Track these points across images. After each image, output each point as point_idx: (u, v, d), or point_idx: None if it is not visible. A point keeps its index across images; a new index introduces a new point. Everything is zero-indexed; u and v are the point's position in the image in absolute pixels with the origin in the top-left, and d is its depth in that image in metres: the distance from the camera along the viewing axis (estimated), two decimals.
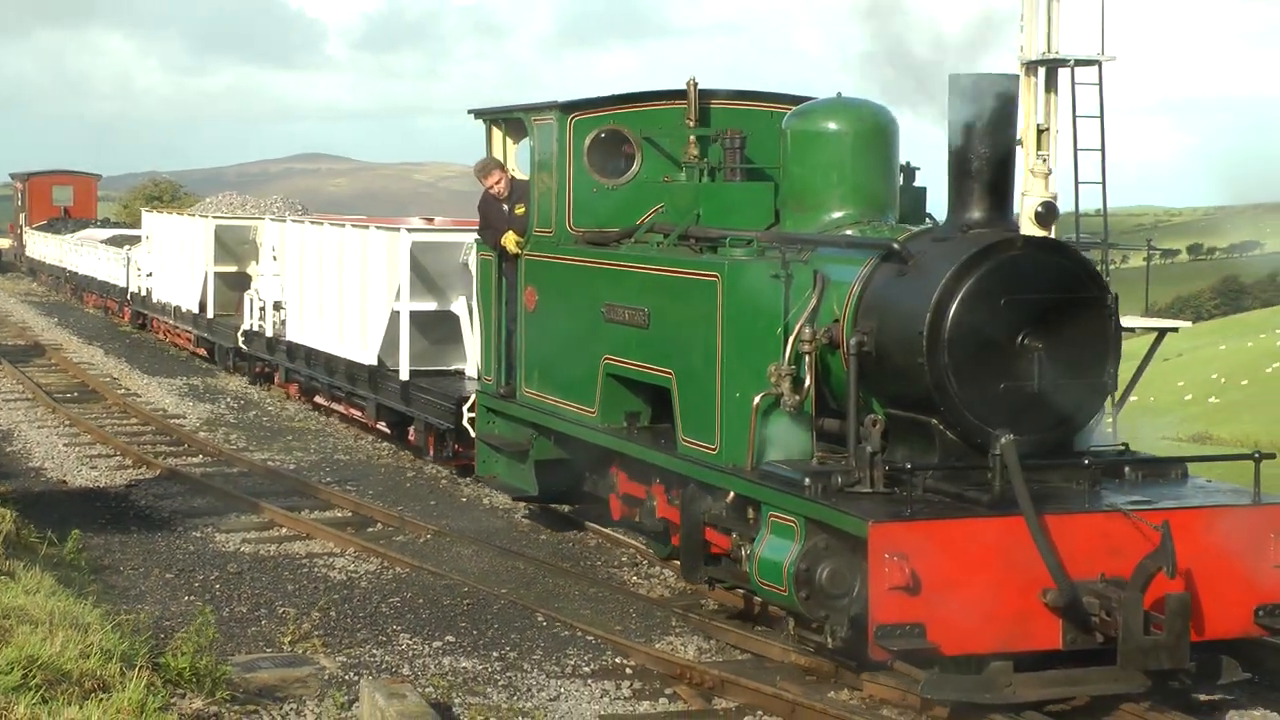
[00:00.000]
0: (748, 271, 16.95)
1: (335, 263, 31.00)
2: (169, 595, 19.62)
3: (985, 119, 15.79)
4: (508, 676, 16.53)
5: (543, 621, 18.46)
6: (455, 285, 27.88)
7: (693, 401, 17.52)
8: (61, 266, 69.57)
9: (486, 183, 22.17)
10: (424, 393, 26.58)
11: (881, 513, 14.56)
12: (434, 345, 28.02)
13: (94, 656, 13.60)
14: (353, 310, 29.91)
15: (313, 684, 15.78)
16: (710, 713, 15.68)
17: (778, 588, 15.51)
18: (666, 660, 16.95)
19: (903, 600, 14.25)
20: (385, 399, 28.35)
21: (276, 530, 23.86)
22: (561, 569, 21.13)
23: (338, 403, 31.96)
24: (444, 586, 20.08)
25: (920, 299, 15.59)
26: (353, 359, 29.79)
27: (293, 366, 34.53)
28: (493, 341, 22.57)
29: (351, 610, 19.12)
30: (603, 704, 15.87)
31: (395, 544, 22.67)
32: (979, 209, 16.05)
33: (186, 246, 43.93)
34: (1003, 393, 15.64)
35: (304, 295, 33.29)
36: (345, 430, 33.09)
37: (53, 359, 47.97)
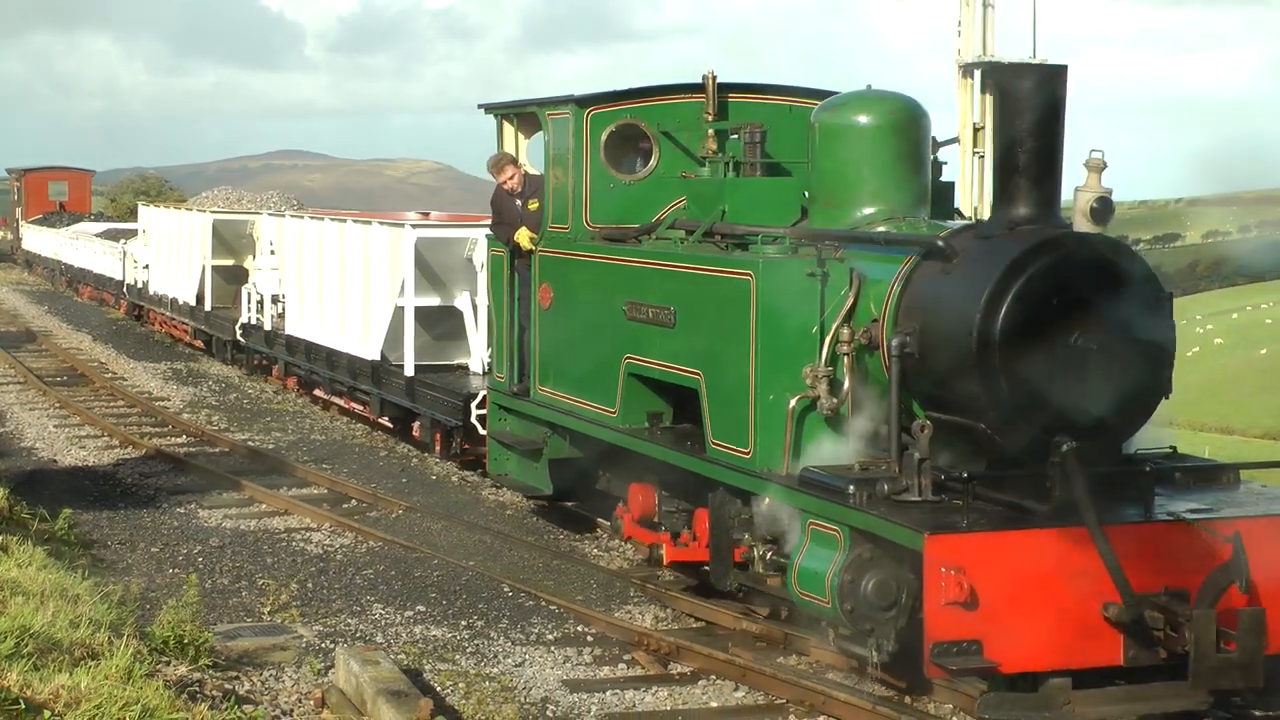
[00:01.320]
0: (782, 269, 14.96)
1: (336, 257, 28.66)
2: (154, 568, 19.20)
3: (1032, 112, 13.75)
4: (475, 644, 16.21)
5: (508, 592, 18.12)
6: (459, 281, 25.58)
7: (723, 403, 15.53)
8: (57, 259, 67.33)
9: (500, 178, 19.89)
10: (430, 389, 24.18)
11: (936, 524, 12.71)
12: (437, 340, 25.80)
13: (83, 626, 13.30)
14: (354, 305, 27.59)
15: (291, 651, 15.41)
16: (666, 677, 15.36)
17: (819, 599, 13.65)
18: (625, 628, 16.72)
19: (959, 616, 12.36)
20: (389, 394, 25.90)
21: (256, 506, 23.34)
22: (526, 542, 20.66)
23: (339, 397, 29.57)
24: (415, 559, 19.68)
25: (969, 299, 13.64)
26: (355, 354, 27.36)
27: (292, 360, 32.11)
28: (504, 339, 20.36)
29: (327, 582, 18.67)
30: (565, 669, 15.58)
31: (369, 519, 22.20)
32: (1026, 205, 13.96)
33: (184, 240, 41.34)
34: (1055, 396, 13.54)
35: (303, 289, 30.93)
36: (321, 412, 32.29)
37: (43, 345, 46.99)
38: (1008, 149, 13.97)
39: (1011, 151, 13.93)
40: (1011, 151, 13.93)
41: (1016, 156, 13.90)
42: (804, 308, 14.79)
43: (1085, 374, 13.48)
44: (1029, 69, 14.26)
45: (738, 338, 15.12)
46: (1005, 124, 14.01)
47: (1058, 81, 13.84)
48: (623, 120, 18.29)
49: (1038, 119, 13.78)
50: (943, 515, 12.92)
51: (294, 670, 14.85)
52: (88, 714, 10.77)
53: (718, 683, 14.96)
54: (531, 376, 19.50)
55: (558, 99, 18.80)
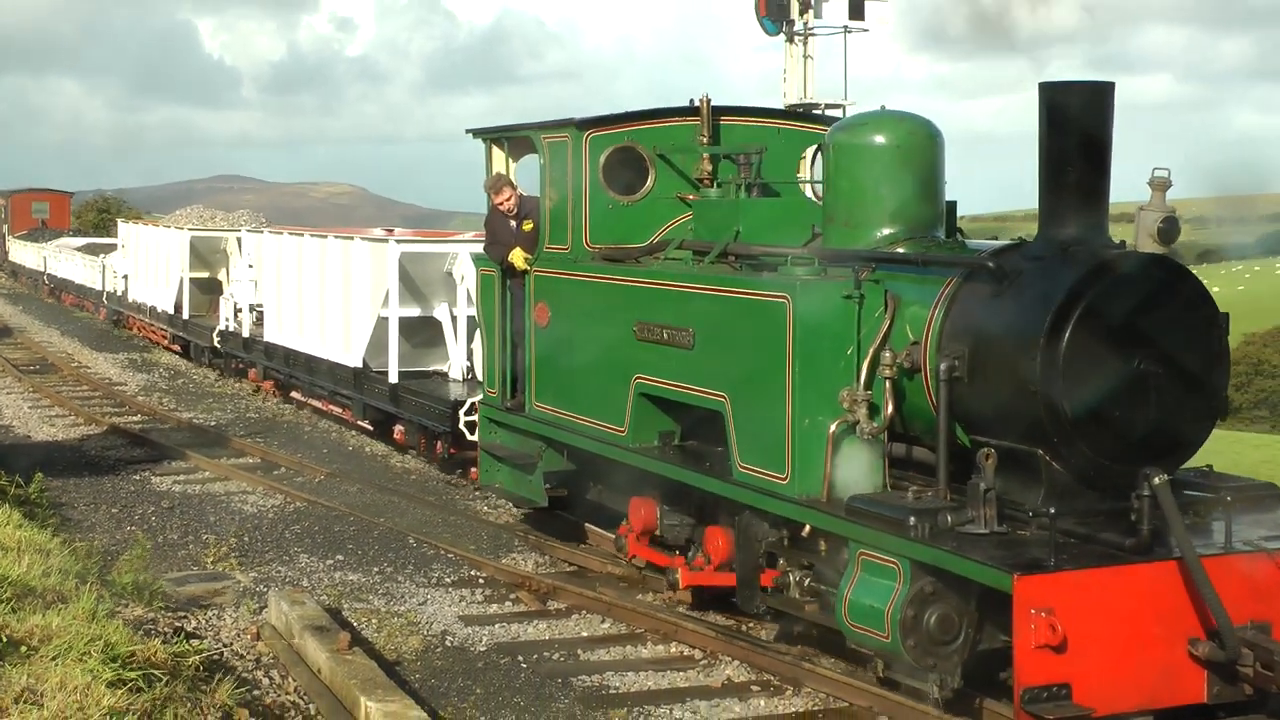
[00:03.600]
0: (819, 292, 12.26)
1: (316, 270, 26.25)
2: (114, 526, 18.91)
3: (1081, 130, 11.24)
4: (386, 587, 16.03)
5: (413, 543, 17.88)
6: (438, 293, 23.11)
7: (751, 427, 12.83)
8: (41, 270, 65.58)
9: (497, 199, 17.16)
10: (416, 395, 21.80)
11: (1024, 563, 10.16)
12: (415, 348, 23.28)
13: (54, 575, 13.31)
14: (335, 315, 25.19)
15: (230, 595, 15.35)
16: (545, 613, 15.24)
17: (876, 633, 11.11)
18: (510, 572, 16.54)
19: (1049, 659, 9.96)
20: (372, 400, 23.48)
21: (200, 474, 22.84)
22: (428, 502, 20.33)
23: (317, 400, 27.03)
24: (335, 517, 19.39)
25: (1031, 321, 11.08)
26: (336, 360, 24.90)
27: (270, 364, 29.43)
28: (496, 355, 17.59)
29: (261, 536, 18.40)
30: (460, 607, 15.37)
31: (295, 483, 21.80)
32: (1076, 224, 11.39)
33: (163, 254, 38.68)
34: (1118, 421, 11.07)
35: (282, 300, 28.43)
36: (254, 395, 31.44)
37: (18, 339, 46.10)
38: (1056, 168, 11.42)
39: (1060, 170, 11.37)
40: (1060, 170, 11.37)
41: (1065, 175, 11.36)
42: (840, 330, 12.15)
43: (1148, 397, 11.07)
44: (1076, 85, 11.24)
45: (770, 361, 12.44)
46: (1053, 142, 11.38)
47: (1106, 99, 11.32)
48: (620, 143, 15.67)
49: (1087, 137, 11.26)
50: (1023, 551, 10.50)
51: (234, 610, 14.70)
52: (58, 649, 10.49)
53: (588, 616, 14.86)
54: (527, 392, 16.80)
55: (555, 123, 16.18)
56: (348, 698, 11.60)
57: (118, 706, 9.37)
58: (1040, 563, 10.09)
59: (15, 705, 9.17)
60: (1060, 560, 10.10)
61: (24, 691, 9.42)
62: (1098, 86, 11.29)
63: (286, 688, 12.31)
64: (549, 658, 13.53)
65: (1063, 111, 11.28)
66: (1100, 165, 11.39)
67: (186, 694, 10.48)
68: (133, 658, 10.87)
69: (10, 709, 9.07)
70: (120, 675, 10.12)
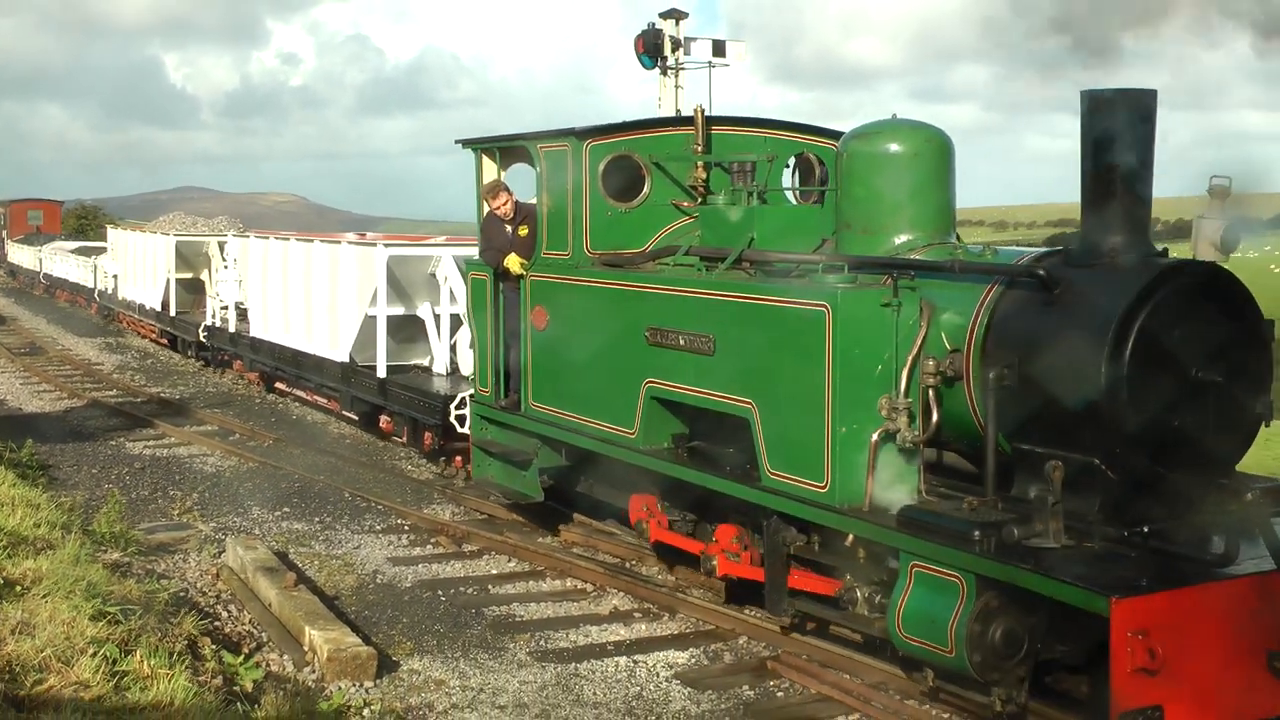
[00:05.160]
0: (859, 300, 10.45)
1: (302, 272, 24.20)
2: (94, 484, 18.55)
3: (1126, 136, 9.55)
4: (325, 534, 15.89)
5: (349, 497, 17.76)
6: (421, 293, 21.32)
7: (783, 434, 10.95)
8: (37, 270, 64.17)
9: (494, 203, 15.20)
10: (405, 390, 19.88)
11: (1120, 584, 8.41)
12: (399, 344, 21.48)
13: (43, 526, 13.28)
14: (321, 313, 23.23)
15: (193, 541, 15.19)
16: (460, 554, 15.09)
17: (937, 647, 9.34)
18: (431, 520, 16.38)
19: (1143, 682, 8.27)
20: (361, 393, 21.51)
21: (167, 439, 22.44)
22: (360, 462, 20.24)
23: (303, 391, 25.05)
24: (282, 475, 19.21)
25: (1093, 331, 9.32)
26: (324, 355, 22.91)
27: (256, 358, 27.29)
28: (489, 357, 15.66)
29: (219, 492, 18.21)
30: (389, 550, 15.23)
31: (248, 447, 21.46)
32: (1122, 232, 9.65)
33: (150, 256, 36.38)
34: (1177, 430, 9.34)
35: (267, 298, 26.35)
36: (213, 372, 30.80)
37: (11, 327, 45.01)
38: (1100, 175, 9.68)
39: (1106, 177, 9.62)
40: (1106, 177, 9.62)
41: (1111, 182, 9.60)
42: (879, 338, 10.37)
43: (1206, 405, 9.40)
44: (1121, 92, 9.56)
45: (807, 369, 10.57)
46: (1098, 149, 9.64)
47: (1149, 105, 9.60)
48: (618, 152, 13.86)
49: (1133, 143, 9.55)
50: (1107, 569, 8.76)
51: (197, 555, 14.51)
52: (47, 588, 10.51)
53: (497, 556, 14.79)
54: (523, 392, 14.84)
55: (553, 133, 14.33)
56: (294, 627, 11.57)
57: (99, 636, 9.31)
58: (1134, 583, 8.44)
59: (12, 636, 9.11)
60: (1152, 581, 8.47)
61: (19, 624, 9.39)
62: (1140, 93, 9.59)
63: (242, 619, 12.23)
64: (464, 592, 13.45)
65: (1106, 118, 9.57)
66: (1144, 172, 9.70)
67: (157, 625, 10.32)
68: (111, 595, 10.81)
69: (8, 639, 9.02)
70: (101, 610, 10.08)
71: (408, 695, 10.48)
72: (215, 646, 10.66)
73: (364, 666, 10.71)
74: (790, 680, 10.88)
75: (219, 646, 10.78)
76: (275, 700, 9.31)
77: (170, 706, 8.31)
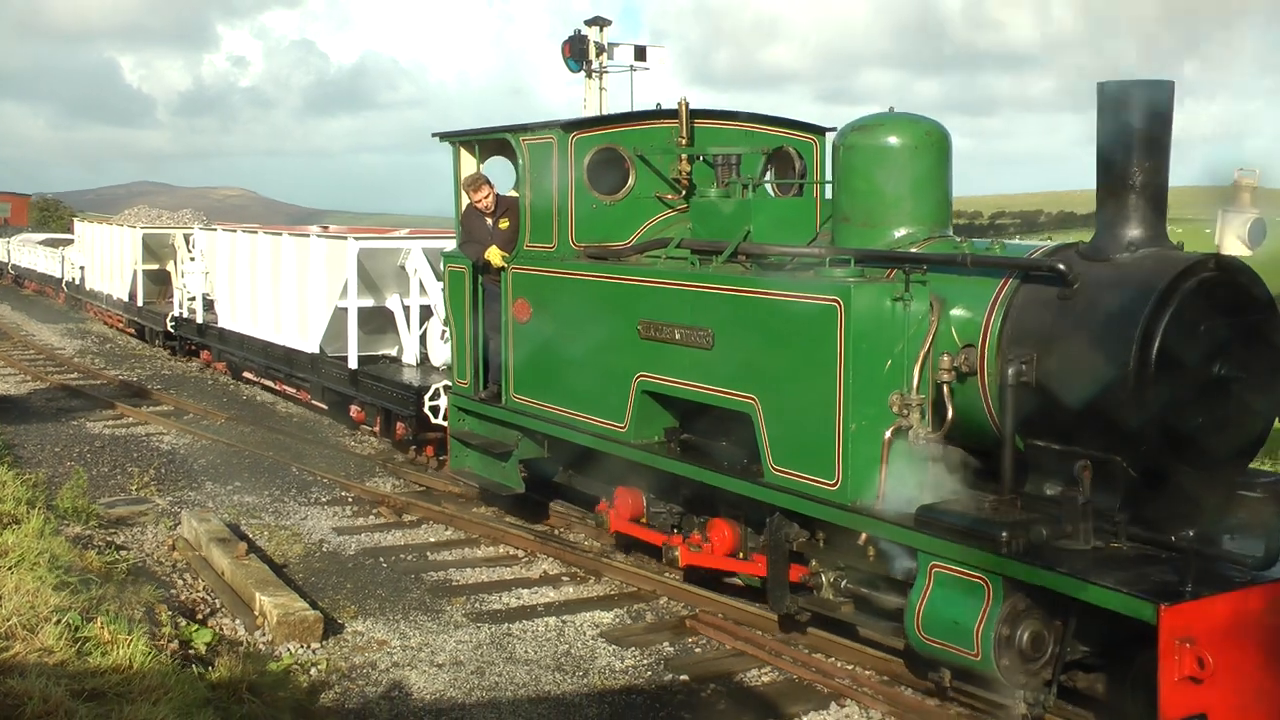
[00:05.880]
0: (872, 294, 9.55)
1: (270, 264, 23.12)
2: (56, 462, 18.23)
3: (1143, 129, 8.72)
4: (274, 506, 15.74)
5: (296, 471, 17.61)
6: (390, 285, 20.33)
7: (789, 431, 10.03)
8: (5, 261, 62.83)
9: (475, 196, 14.10)
10: (377, 380, 18.79)
11: (1166, 591, 7.55)
12: (368, 335, 20.36)
13: (9, 501, 13.03)
14: (290, 305, 22.16)
15: (151, 515, 15.05)
16: (400, 524, 14.97)
17: (961, 650, 8.49)
18: (373, 492, 16.19)
19: (1190, 691, 7.45)
20: (331, 384, 20.36)
21: (126, 419, 21.97)
22: (306, 439, 19.93)
23: (272, 380, 23.72)
24: (232, 452, 18.98)
25: (1118, 326, 8.52)
26: (293, 346, 21.82)
27: (224, 349, 26.09)
28: (468, 349, 14.59)
29: (174, 468, 17.94)
30: (334, 520, 15.11)
31: (201, 425, 21.13)
32: (1140, 226, 8.85)
33: (117, 248, 35.00)
34: (1201, 426, 8.57)
35: (235, 290, 25.17)
36: (167, 356, 30.21)
37: None
38: (1116, 168, 8.83)
39: (1123, 170, 8.78)
40: (1123, 170, 8.78)
41: (1129, 176, 8.78)
42: (890, 333, 9.52)
43: (1228, 403, 8.61)
44: (1138, 84, 8.72)
45: (817, 364, 9.65)
46: (1113, 142, 8.81)
47: (1166, 97, 8.76)
48: (603, 144, 12.89)
49: (1148, 136, 8.72)
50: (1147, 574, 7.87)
51: (154, 527, 14.36)
52: (13, 560, 10.38)
53: (434, 525, 14.69)
54: (504, 385, 13.81)
55: (537, 125, 13.26)
56: (245, 593, 11.51)
57: (62, 605, 9.22)
58: (1179, 589, 7.57)
59: None
60: (1197, 586, 7.61)
61: None
62: (1158, 85, 8.75)
63: (197, 587, 12.11)
64: (404, 558, 13.38)
65: (1123, 111, 8.75)
66: (1160, 165, 8.88)
67: (117, 594, 10.23)
68: (73, 566, 10.72)
69: None
70: (63, 580, 10.01)
71: (352, 655, 10.49)
72: (171, 613, 10.57)
73: (311, 629, 10.70)
74: (707, 637, 10.97)
75: (175, 613, 10.71)
76: (228, 662, 9.31)
77: (129, 670, 8.25)
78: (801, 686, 9.84)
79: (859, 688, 9.64)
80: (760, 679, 10.04)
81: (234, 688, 8.63)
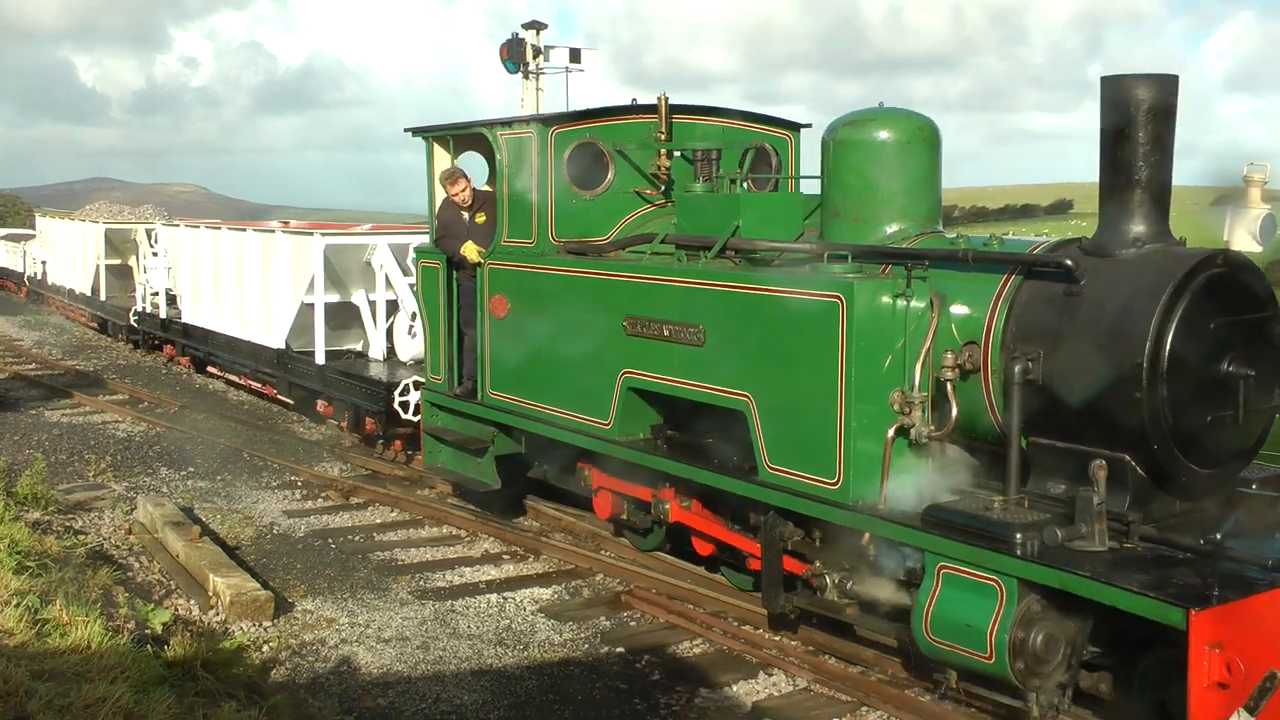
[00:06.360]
0: (873, 291, 8.91)
1: (234, 260, 22.20)
2: (16, 449, 17.90)
3: (1148, 124, 8.20)
4: (227, 490, 15.56)
5: (247, 457, 17.32)
6: (355, 280, 19.55)
7: (786, 429, 9.39)
8: None
9: (452, 190, 13.31)
10: (345, 376, 17.93)
11: (1195, 595, 7.00)
12: (333, 330, 19.52)
13: None
14: (255, 300, 21.27)
15: (108, 500, 14.82)
16: (348, 506, 14.85)
17: (974, 653, 7.91)
18: (321, 476, 16.06)
19: (1217, 696, 6.95)
20: (298, 379, 19.49)
21: (83, 408, 21.66)
22: (257, 425, 19.67)
23: (237, 375, 22.68)
24: (186, 439, 18.63)
25: (1130, 324, 7.98)
26: (258, 342, 20.95)
27: (188, 343, 25.07)
28: (442, 345, 13.81)
29: (130, 455, 17.66)
30: (284, 504, 14.97)
31: (156, 413, 20.80)
32: (1145, 222, 8.31)
33: (79, 244, 33.90)
34: (1208, 425, 8.08)
35: (199, 285, 24.17)
36: (122, 346, 29.55)
37: None
38: (1121, 163, 8.27)
39: (1129, 165, 8.24)
40: (1129, 165, 8.24)
41: (1134, 170, 8.23)
42: (891, 330, 8.89)
43: (1236, 401, 8.13)
44: (1144, 78, 8.21)
45: (817, 361, 9.02)
46: (1118, 137, 8.26)
47: (1171, 92, 8.24)
48: (582, 139, 12.15)
49: (1153, 131, 8.19)
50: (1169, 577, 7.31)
51: (111, 512, 14.16)
52: None
53: (380, 508, 14.59)
54: (480, 381, 13.01)
55: (516, 120, 12.64)
56: (199, 575, 11.42)
57: (21, 588, 9.10)
58: (1206, 593, 7.03)
59: None
60: (1224, 590, 7.08)
61: None
62: (1163, 79, 8.24)
63: (153, 569, 11.99)
64: (352, 539, 13.31)
65: (1127, 105, 8.21)
66: (1164, 160, 8.35)
67: (75, 576, 10.15)
68: (33, 551, 10.62)
69: None
70: (23, 564, 9.94)
71: (302, 632, 10.44)
72: (128, 595, 10.44)
73: (263, 608, 10.65)
74: (641, 611, 10.97)
75: (132, 595, 10.59)
76: (183, 641, 9.21)
77: (87, 650, 8.16)
78: (731, 657, 9.88)
79: (786, 658, 9.70)
80: (692, 650, 10.08)
81: (189, 666, 8.55)
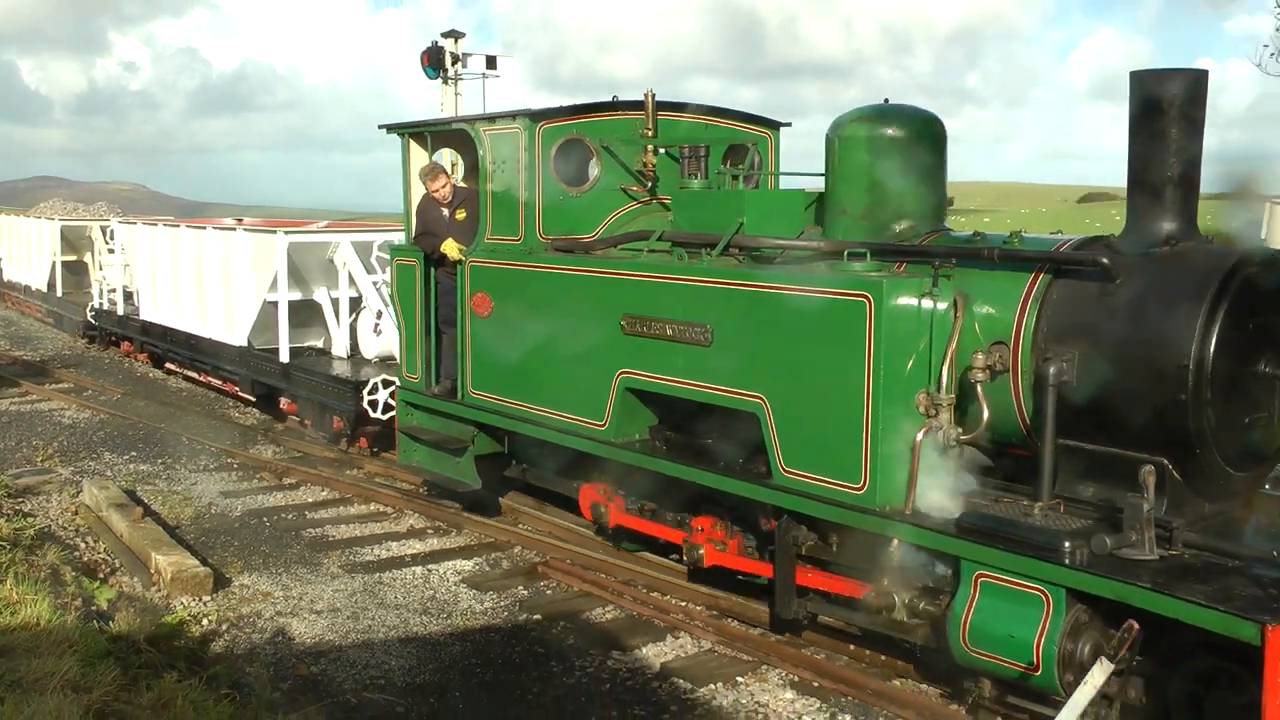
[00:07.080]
0: (902, 290, 8.07)
1: (193, 258, 20.91)
2: None
3: (1180, 121, 7.40)
4: (167, 473, 15.29)
5: (186, 441, 16.96)
6: (318, 278, 18.47)
7: (805, 431, 8.51)
8: None
9: (432, 185, 12.29)
10: (311, 375, 16.79)
11: (1259, 606, 6.26)
12: (295, 328, 18.32)
13: None
14: (217, 298, 19.98)
15: (55, 484, 14.61)
16: (282, 486, 14.68)
17: (1018, 664, 7.13)
18: (256, 459, 15.83)
19: None
20: (262, 377, 18.26)
21: (30, 396, 21.14)
22: (195, 411, 19.29)
23: (197, 372, 21.36)
24: (129, 424, 18.27)
25: (1172, 325, 7.21)
26: (220, 340, 19.67)
27: (147, 340, 23.65)
28: (419, 344, 12.75)
29: (76, 441, 17.31)
30: (221, 485, 14.76)
31: (100, 400, 20.37)
32: (1176, 220, 7.53)
33: (34, 241, 32.32)
34: (1246, 427, 7.36)
35: (157, 282, 22.78)
36: (67, 337, 28.96)
37: None
38: (1151, 159, 7.47)
39: (1159, 163, 7.43)
40: (1159, 163, 7.43)
41: (1165, 168, 7.42)
42: (916, 331, 8.05)
43: (1272, 402, 7.40)
44: (1175, 73, 7.43)
45: (840, 362, 8.14)
46: (1148, 133, 7.46)
47: (1202, 88, 7.46)
48: (569, 135, 11.20)
49: (1186, 127, 7.39)
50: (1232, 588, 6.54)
51: (58, 495, 13.97)
52: None
53: (312, 487, 14.45)
54: (460, 380, 12.00)
55: (501, 115, 11.52)
56: (142, 553, 11.30)
57: None
58: (1274, 605, 6.30)
59: None
60: None
61: None
62: (1194, 74, 7.48)
63: (98, 549, 11.85)
64: (286, 517, 13.21)
65: (1159, 101, 7.43)
66: (1194, 157, 7.54)
67: (25, 557, 10.07)
68: None
69: None
70: None
71: (240, 606, 10.37)
72: (75, 573, 10.34)
73: (202, 584, 10.57)
74: (557, 580, 11.01)
75: (78, 573, 10.47)
76: (127, 616, 9.15)
77: (37, 626, 8.07)
78: (641, 622, 9.91)
79: (692, 622, 9.74)
80: (605, 616, 10.12)
81: (133, 639, 8.46)
